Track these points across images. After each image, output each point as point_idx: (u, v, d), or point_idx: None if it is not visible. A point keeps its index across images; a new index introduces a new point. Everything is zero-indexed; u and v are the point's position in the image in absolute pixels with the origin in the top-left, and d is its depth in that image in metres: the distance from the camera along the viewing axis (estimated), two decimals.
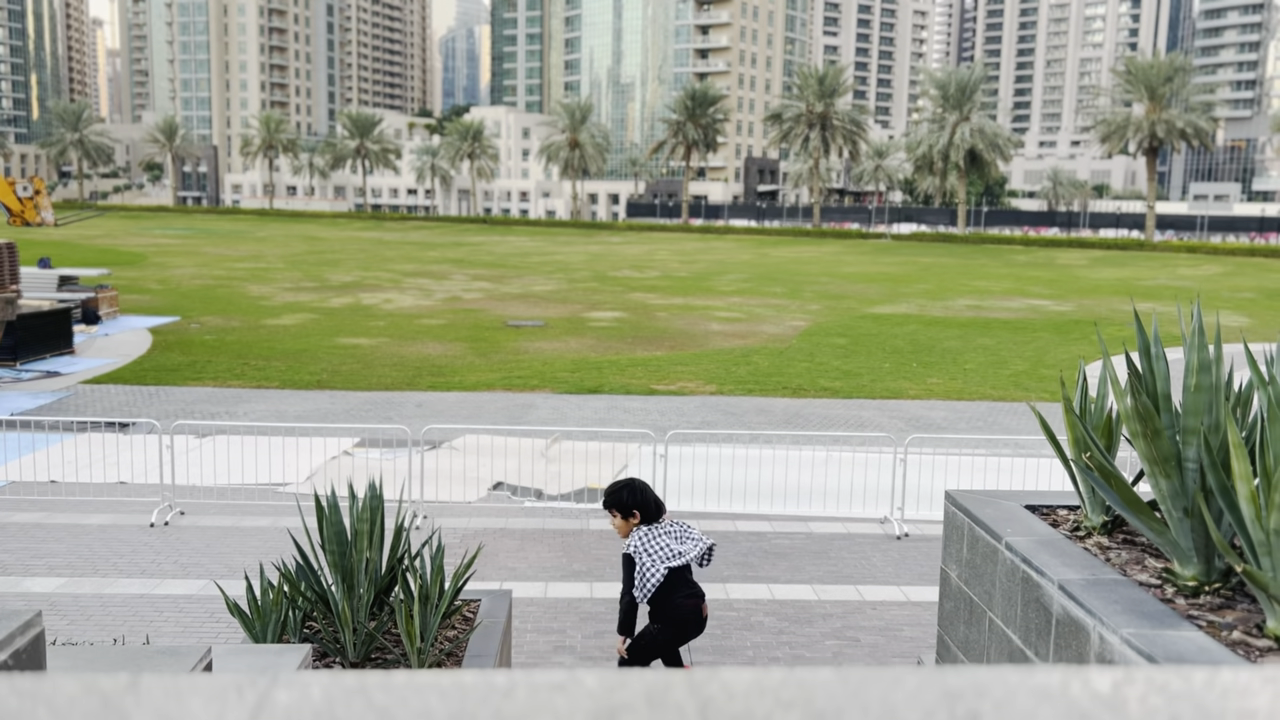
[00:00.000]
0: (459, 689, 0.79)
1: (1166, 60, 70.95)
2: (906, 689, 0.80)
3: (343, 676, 0.80)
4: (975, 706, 0.79)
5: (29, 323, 21.17)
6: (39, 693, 0.77)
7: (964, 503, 3.46)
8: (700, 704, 0.78)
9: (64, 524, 10.77)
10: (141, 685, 0.77)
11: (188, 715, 0.75)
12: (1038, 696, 0.80)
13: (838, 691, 0.80)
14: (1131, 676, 0.82)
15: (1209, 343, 2.71)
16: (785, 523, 11.18)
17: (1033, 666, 0.83)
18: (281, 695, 0.77)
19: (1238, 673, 0.85)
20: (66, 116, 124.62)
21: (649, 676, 0.80)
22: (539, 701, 0.77)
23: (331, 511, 5.59)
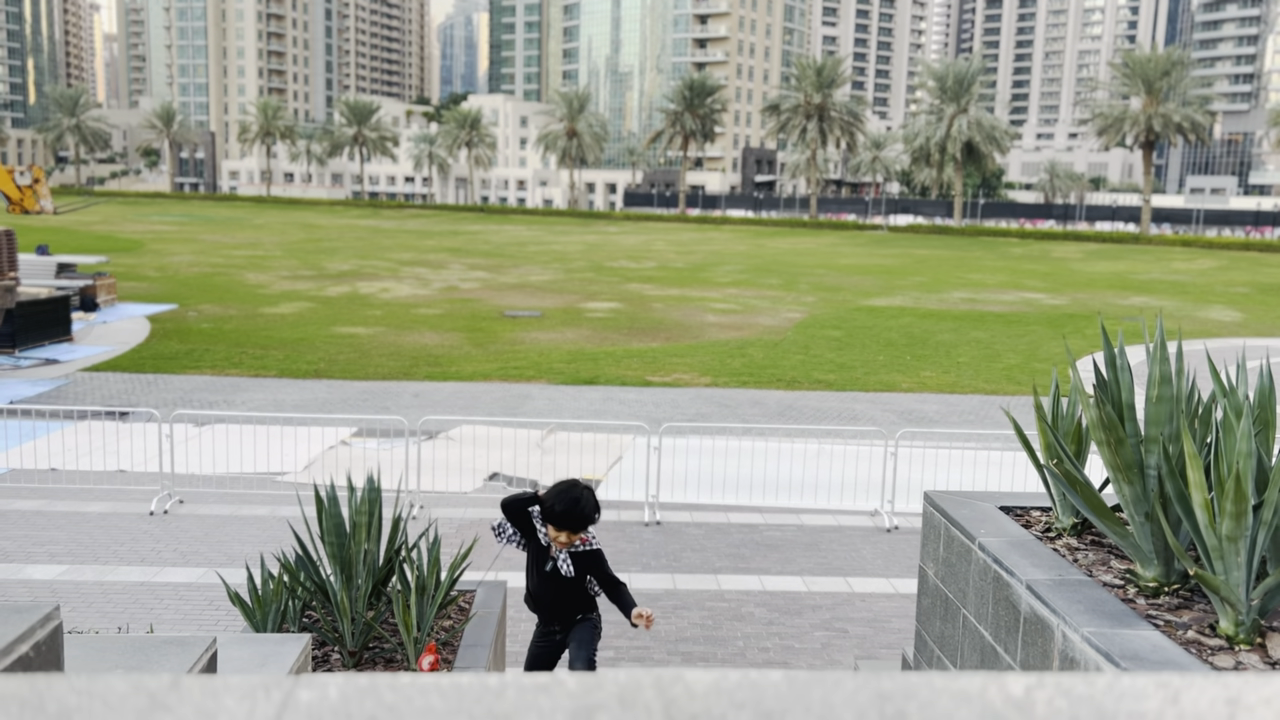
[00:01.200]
0: (456, 690, 0.91)
1: (1164, 54, 71.01)
2: (845, 691, 0.92)
3: (356, 678, 0.92)
4: (902, 707, 0.91)
5: (27, 310, 21.26)
6: (94, 690, 0.89)
7: (941, 503, 3.60)
8: (665, 704, 0.91)
9: (65, 512, 10.89)
10: (182, 684, 0.90)
11: (223, 710, 0.87)
12: (958, 699, 0.92)
13: (785, 693, 0.92)
14: (1043, 681, 0.94)
15: (1170, 343, 2.83)
16: (777, 515, 11.33)
17: (958, 673, 0.96)
18: (303, 694, 0.90)
19: (1135, 678, 0.98)
20: (63, 101, 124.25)
21: (622, 678, 0.92)
22: (525, 701, 0.90)
23: (330, 504, 5.72)
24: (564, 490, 5.36)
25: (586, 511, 5.32)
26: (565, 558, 5.44)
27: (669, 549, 10.03)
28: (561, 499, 5.33)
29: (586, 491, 5.38)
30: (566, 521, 5.29)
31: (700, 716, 0.89)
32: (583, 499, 5.33)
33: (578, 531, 5.34)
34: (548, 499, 5.33)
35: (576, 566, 5.46)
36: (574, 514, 5.31)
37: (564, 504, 5.29)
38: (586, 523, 5.35)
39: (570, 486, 5.37)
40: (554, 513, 5.30)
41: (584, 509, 5.31)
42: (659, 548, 10.03)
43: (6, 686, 0.89)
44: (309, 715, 0.87)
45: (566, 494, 5.33)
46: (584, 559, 5.46)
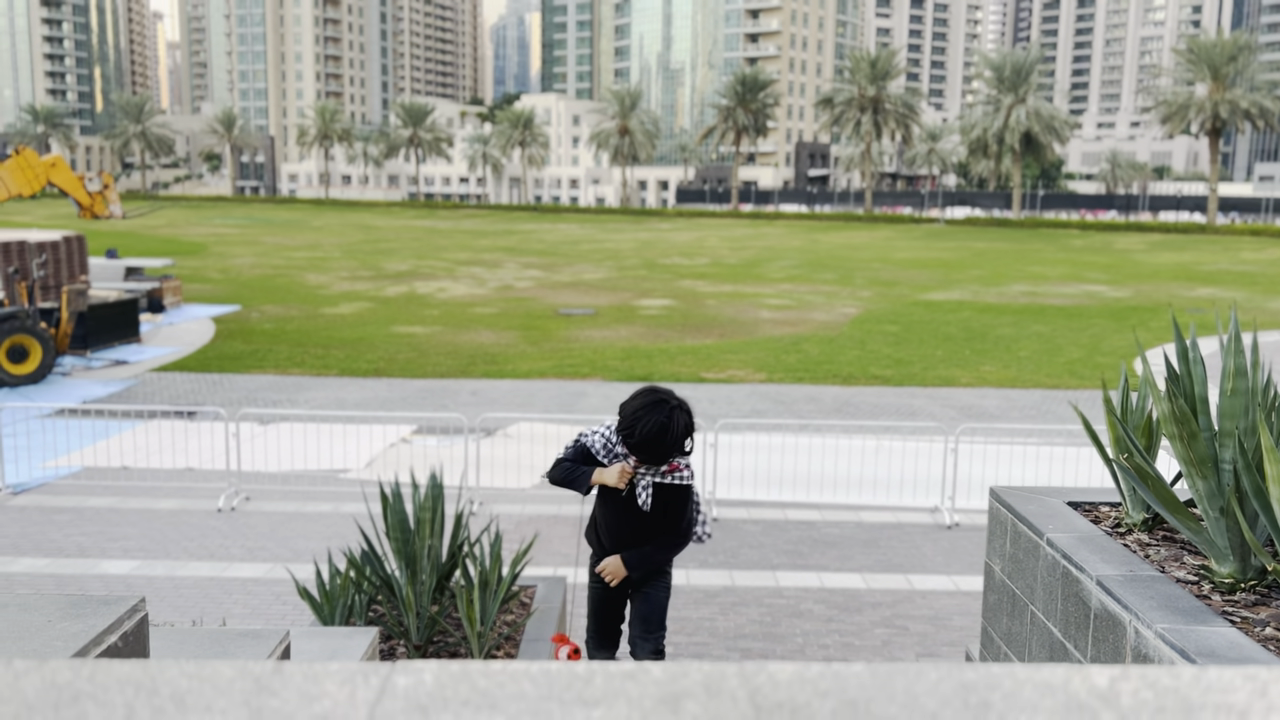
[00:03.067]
0: (546, 676, 0.94)
1: (1230, 39, 69.16)
2: (928, 681, 0.93)
3: (449, 664, 0.96)
4: (986, 697, 0.92)
5: (98, 313, 21.86)
6: (203, 674, 0.93)
7: (1007, 499, 3.56)
8: (750, 692, 0.92)
9: (136, 508, 11.19)
10: (285, 670, 0.94)
11: (325, 694, 0.91)
12: (1041, 690, 0.93)
13: (868, 682, 0.93)
14: (1127, 674, 0.94)
15: (1246, 336, 2.78)
16: (835, 511, 11.26)
17: (1039, 665, 0.96)
18: (400, 679, 0.93)
19: (1222, 671, 0.97)
20: (129, 109, 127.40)
21: (706, 668, 0.94)
22: (613, 688, 0.92)
23: (395, 500, 5.82)
24: (646, 407, 4.01)
25: (675, 439, 4.02)
26: (647, 484, 4.19)
27: (726, 545, 10.03)
28: (644, 421, 3.98)
29: (677, 411, 4.04)
30: (648, 453, 4.05)
31: (785, 705, 0.90)
32: (671, 423, 4.00)
33: (663, 463, 4.15)
34: (625, 418, 4.07)
35: (656, 500, 4.22)
36: (658, 444, 4.00)
37: (647, 429, 3.96)
38: (673, 453, 4.08)
39: (655, 403, 4.02)
40: (632, 440, 4.04)
41: (672, 438, 4.01)
42: (716, 544, 10.03)
43: (121, 670, 0.94)
44: (406, 699, 0.91)
45: (649, 414, 3.98)
46: (668, 493, 4.22)
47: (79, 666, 0.94)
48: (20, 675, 0.92)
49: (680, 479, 4.18)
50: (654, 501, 4.22)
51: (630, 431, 4.01)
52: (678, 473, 4.18)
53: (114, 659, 1.98)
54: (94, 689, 0.89)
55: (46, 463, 13.07)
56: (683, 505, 4.24)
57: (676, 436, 4.01)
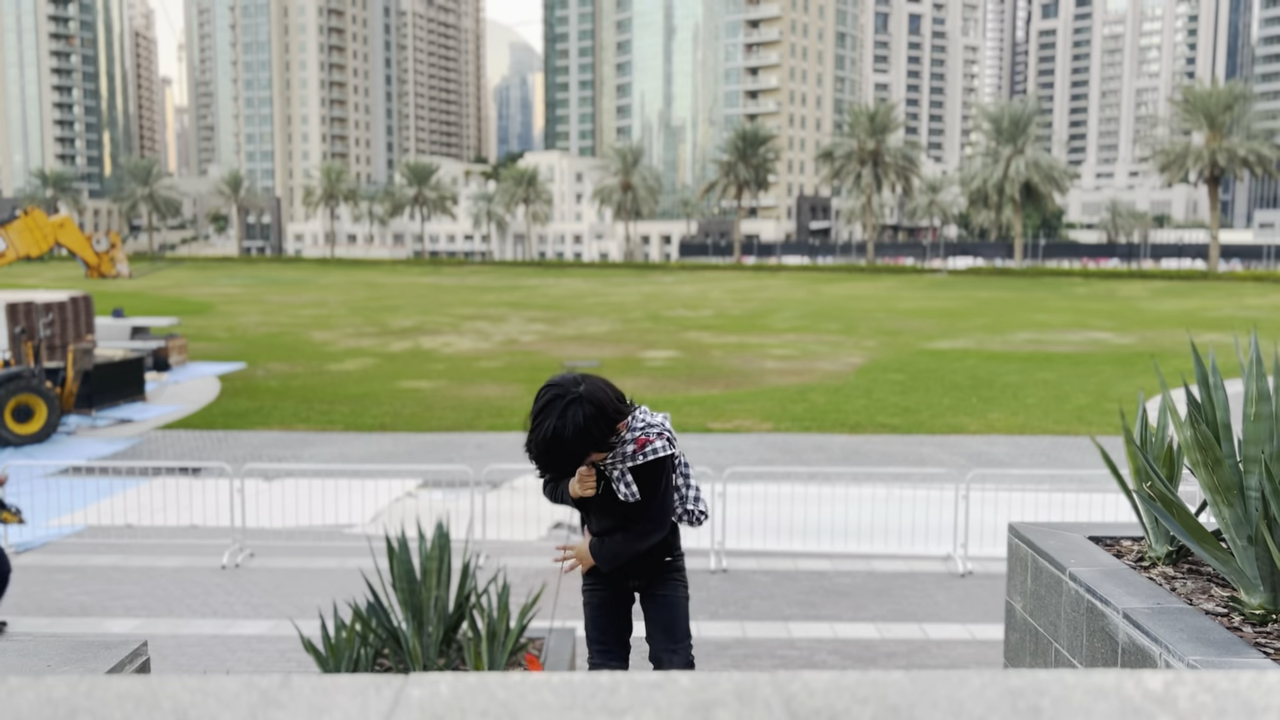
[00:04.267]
0: (569, 686, 0.89)
1: (1226, 88, 69.93)
2: (972, 687, 0.88)
3: (465, 676, 0.91)
4: (1036, 703, 0.87)
5: (103, 371, 21.87)
6: (207, 689, 0.88)
7: (1027, 534, 3.50)
8: (785, 699, 0.87)
9: (140, 566, 11.08)
10: (293, 682, 0.89)
11: (335, 707, 0.86)
12: (1093, 694, 0.88)
13: (909, 689, 0.88)
14: (1182, 678, 0.89)
15: (1268, 372, 2.74)
16: (847, 561, 11.12)
17: (1089, 670, 0.91)
18: (414, 691, 0.88)
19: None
20: (137, 172, 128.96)
21: (737, 677, 0.89)
22: (640, 697, 0.87)
23: (401, 550, 5.75)
24: (538, 414, 3.36)
25: (578, 438, 3.25)
26: (621, 474, 3.45)
27: (737, 596, 9.89)
28: (535, 434, 3.35)
29: (575, 404, 3.29)
30: (557, 467, 3.40)
31: (823, 711, 0.85)
32: (565, 422, 3.26)
33: (576, 466, 3.43)
34: (528, 449, 3.41)
35: (642, 484, 3.47)
36: (560, 454, 3.30)
37: (539, 443, 3.32)
38: (586, 452, 3.33)
39: (547, 405, 3.33)
40: (535, 463, 3.41)
41: (575, 439, 3.25)
42: (726, 595, 9.89)
43: (120, 685, 0.89)
44: (421, 711, 0.86)
45: (541, 422, 3.33)
46: (650, 471, 3.48)
47: (75, 683, 0.89)
48: (14, 692, 0.87)
49: (652, 453, 3.38)
50: (643, 486, 3.45)
51: (532, 455, 3.33)
52: (648, 447, 3.38)
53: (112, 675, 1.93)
54: (92, 704, 0.85)
55: (50, 522, 12.98)
56: (653, 483, 3.43)
57: (580, 435, 3.20)
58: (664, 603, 3.70)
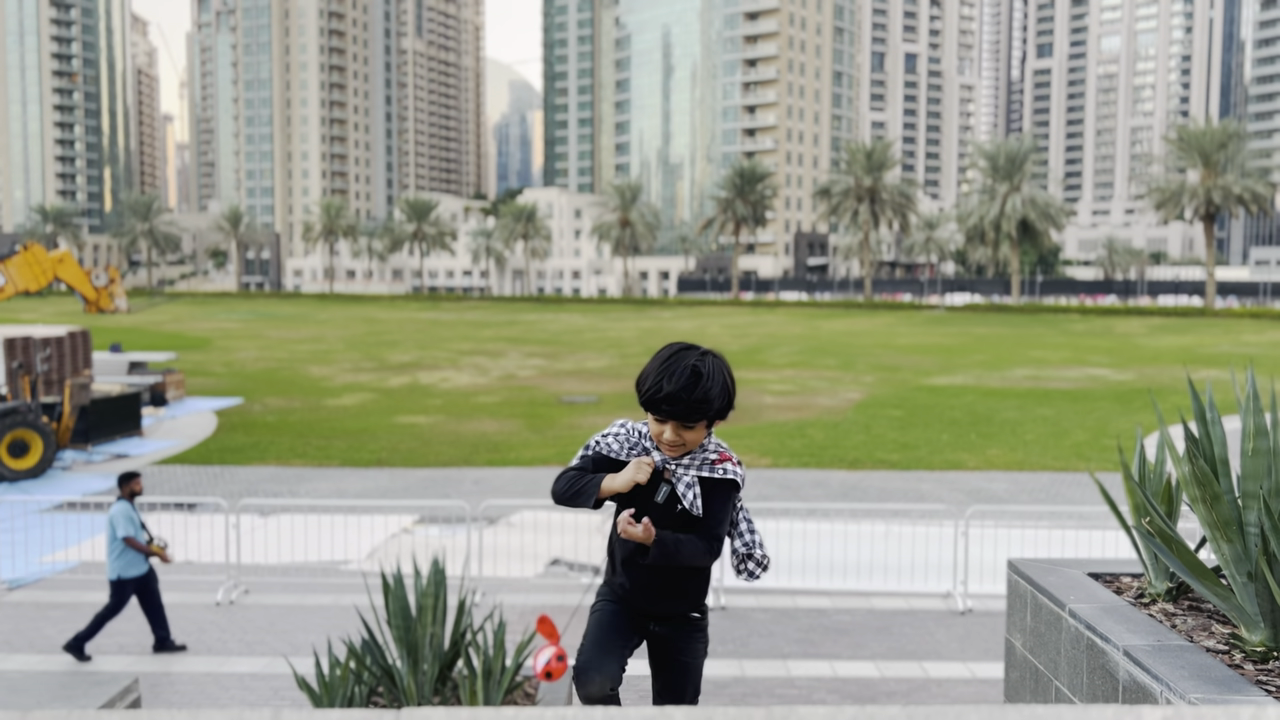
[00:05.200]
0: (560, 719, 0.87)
1: (1220, 126, 70.51)
2: None
3: (458, 711, 0.89)
4: None
5: (100, 407, 21.83)
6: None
7: (1027, 571, 3.48)
8: None
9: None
10: (283, 716, 0.87)
11: None
12: None
13: None
14: (1180, 714, 0.88)
15: (1265, 408, 2.74)
16: (846, 598, 11.05)
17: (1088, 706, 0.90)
18: None
19: None
20: (137, 208, 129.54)
21: (731, 711, 0.88)
22: None
23: (397, 586, 5.70)
24: (671, 355, 3.10)
25: (712, 384, 3.01)
26: (691, 481, 3.09)
27: (735, 634, 9.81)
28: (672, 365, 3.04)
29: (710, 355, 3.10)
30: (678, 405, 2.99)
31: None
32: (705, 365, 3.04)
33: (696, 421, 3.03)
34: (645, 375, 3.10)
35: (708, 499, 3.10)
36: (691, 390, 2.98)
37: (677, 371, 3.01)
38: (712, 406, 3.02)
39: (681, 350, 3.11)
40: (659, 393, 3.01)
41: (709, 382, 3.01)
42: (725, 633, 9.81)
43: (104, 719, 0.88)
44: None
45: (677, 359, 3.06)
46: (718, 490, 3.11)
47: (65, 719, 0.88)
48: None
49: (728, 472, 3.09)
50: (708, 501, 3.10)
51: (657, 384, 3.00)
52: (728, 464, 3.10)
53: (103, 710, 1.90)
54: None
55: (44, 557, 12.89)
56: (723, 503, 3.10)
57: (714, 381, 2.99)
58: (682, 669, 3.31)
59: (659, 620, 3.24)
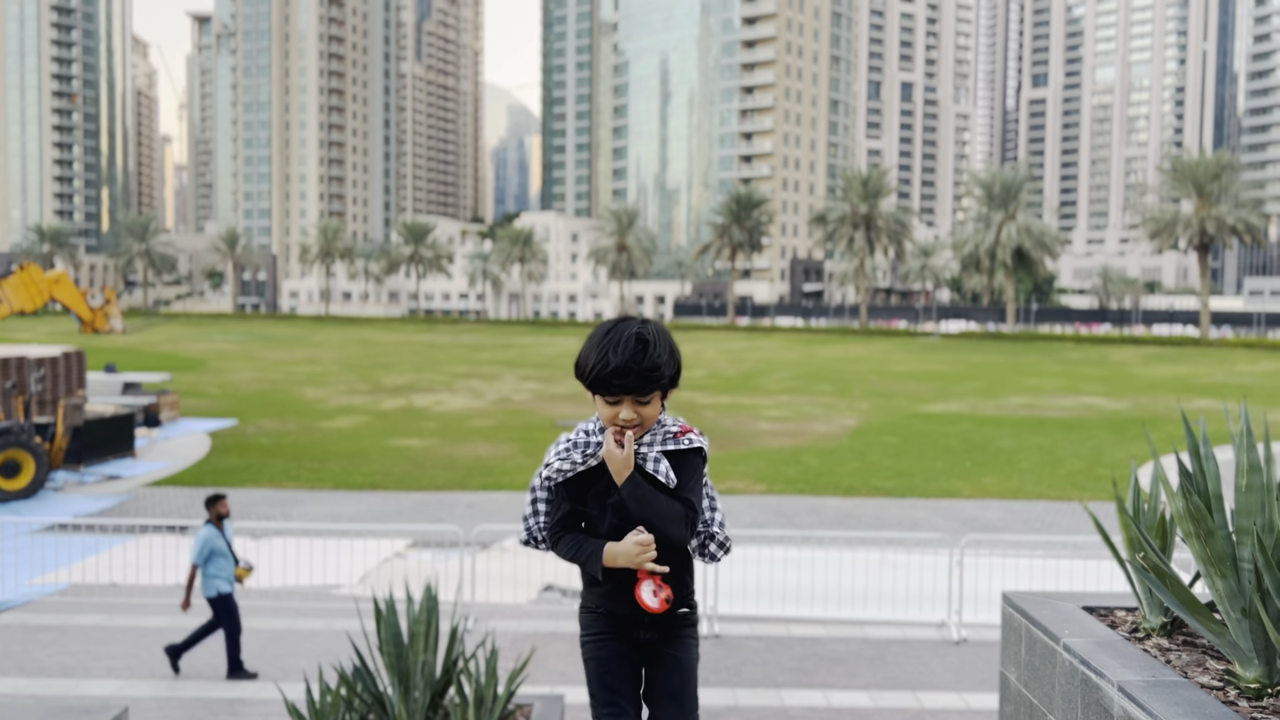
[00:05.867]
0: None
1: (1213, 157, 70.97)
2: None
3: None
4: None
5: (93, 427, 21.76)
6: None
7: (1021, 604, 3.47)
8: None
9: (123, 626, 10.91)
10: None
11: None
12: None
13: None
14: None
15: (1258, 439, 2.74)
16: (840, 627, 11.00)
17: None
18: None
19: None
20: (134, 228, 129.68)
21: None
22: None
23: (389, 613, 5.68)
24: (609, 333, 2.99)
25: (659, 350, 2.91)
26: (657, 456, 2.98)
27: (729, 663, 9.76)
28: (615, 336, 2.96)
29: (649, 324, 3.00)
30: (628, 376, 2.88)
31: None
32: (650, 335, 2.93)
33: (649, 392, 2.92)
34: (585, 354, 3.02)
35: (678, 470, 3.00)
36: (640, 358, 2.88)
37: (621, 352, 2.90)
38: (661, 374, 2.91)
39: (619, 321, 3.02)
40: (606, 368, 2.91)
41: (656, 349, 2.91)
42: (718, 661, 9.76)
43: None
44: None
45: (614, 336, 2.96)
46: (685, 460, 3.02)
47: None
48: None
49: (692, 442, 3.00)
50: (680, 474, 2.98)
51: (603, 359, 2.90)
52: (689, 435, 3.01)
53: None
54: None
55: (33, 579, 12.81)
56: (692, 472, 3.00)
57: (661, 347, 2.91)
58: (675, 665, 3.13)
59: (648, 626, 3.10)
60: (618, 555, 2.95)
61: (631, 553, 2.92)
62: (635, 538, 2.91)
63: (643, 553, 2.91)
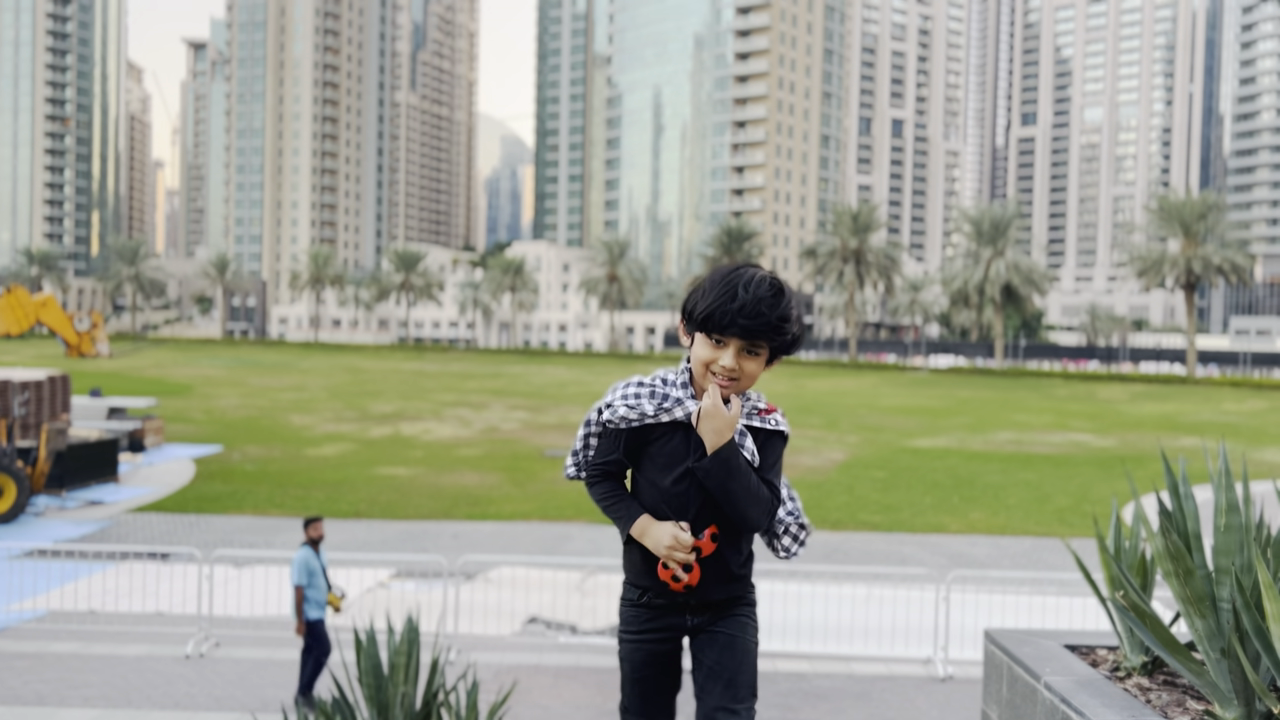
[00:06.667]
0: None
1: (1200, 198, 71.69)
2: None
3: None
4: None
5: (76, 452, 21.61)
6: None
7: (1003, 641, 3.45)
8: None
9: (101, 654, 10.78)
10: None
11: None
12: None
13: None
14: None
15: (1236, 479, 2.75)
16: (826, 662, 10.94)
17: None
18: None
19: None
20: (124, 252, 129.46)
21: None
22: None
23: (369, 645, 5.62)
24: (734, 272, 2.59)
25: (795, 309, 2.59)
26: (742, 430, 2.66)
27: None
28: (742, 282, 2.55)
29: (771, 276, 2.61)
30: (750, 319, 2.52)
31: None
32: (785, 286, 2.60)
33: (765, 346, 2.59)
34: (704, 293, 2.59)
35: (762, 452, 2.69)
36: (775, 309, 2.54)
37: (752, 290, 2.53)
38: (789, 330, 2.59)
39: (740, 268, 2.61)
40: (730, 307, 2.52)
41: (790, 304, 2.57)
42: None
43: None
44: None
45: (740, 275, 2.58)
46: (770, 442, 2.71)
47: None
48: None
49: (778, 423, 2.70)
50: (762, 453, 2.67)
51: (729, 292, 2.52)
52: (774, 414, 2.72)
53: None
54: None
55: (10, 606, 12.66)
56: (777, 457, 2.70)
57: (795, 302, 2.59)
58: (729, 644, 2.70)
59: (695, 609, 2.72)
60: (646, 536, 2.66)
61: (663, 543, 2.62)
62: (675, 530, 2.61)
63: (674, 550, 2.61)
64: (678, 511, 2.66)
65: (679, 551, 2.61)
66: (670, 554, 2.61)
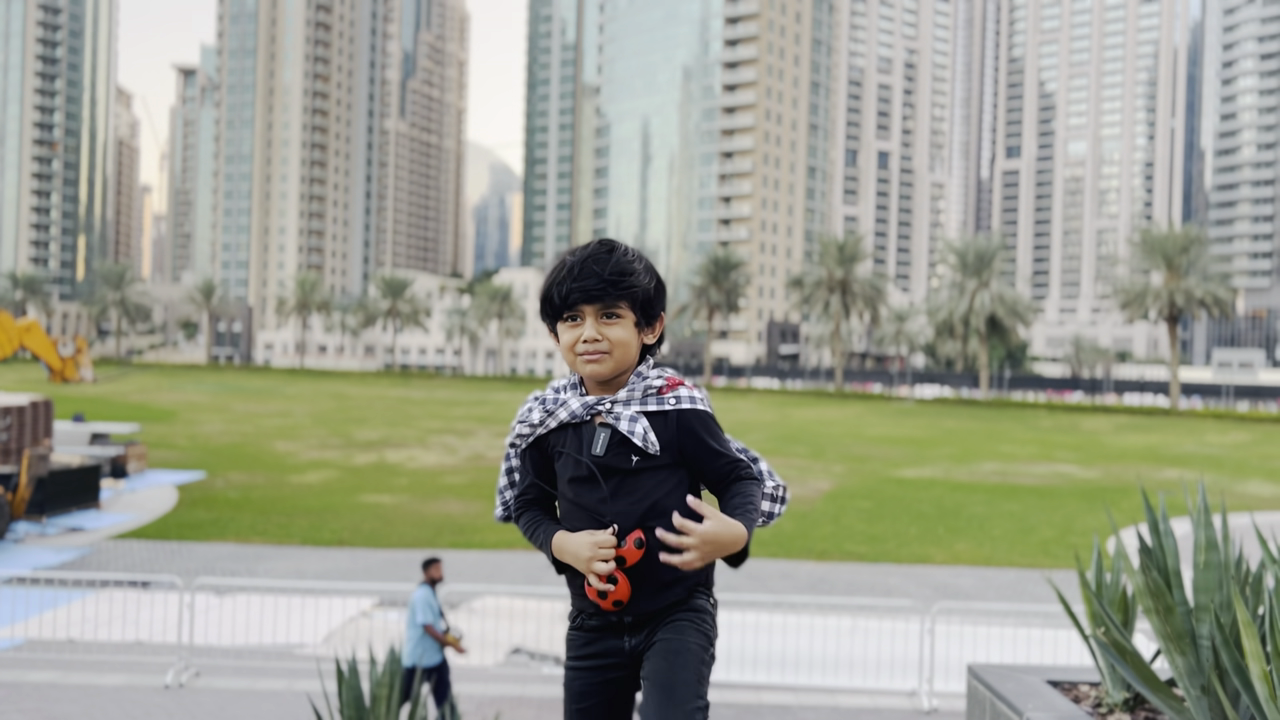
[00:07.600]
0: None
1: (1182, 231, 72.40)
2: None
3: None
4: None
5: (58, 478, 21.43)
6: None
7: (986, 677, 3.46)
8: None
9: (79, 684, 10.65)
10: None
11: None
12: None
13: None
14: None
15: (1215, 512, 2.77)
16: (811, 694, 10.89)
17: None
18: None
19: None
20: (110, 277, 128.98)
21: None
22: None
23: (351, 676, 5.58)
24: (560, 255, 2.51)
25: (632, 261, 2.41)
26: (635, 416, 2.38)
27: None
28: (569, 252, 2.48)
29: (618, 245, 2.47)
30: (593, 281, 2.37)
31: None
32: (618, 243, 2.46)
33: (617, 303, 2.39)
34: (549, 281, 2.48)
35: (664, 435, 2.38)
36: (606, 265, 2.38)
37: (582, 252, 2.44)
38: (635, 281, 2.39)
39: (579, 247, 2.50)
40: (572, 279, 2.41)
41: (626, 258, 2.40)
42: None
43: None
44: None
45: (562, 256, 2.49)
46: (680, 422, 2.40)
47: None
48: None
49: (681, 400, 2.40)
50: (664, 438, 2.36)
51: (556, 269, 2.42)
52: (678, 389, 2.42)
53: None
54: None
55: None
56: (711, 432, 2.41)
57: (632, 254, 2.41)
58: (665, 650, 2.36)
59: (631, 628, 2.45)
60: (565, 552, 2.40)
61: (583, 555, 2.35)
62: (592, 538, 2.33)
63: (594, 560, 2.32)
64: (591, 517, 2.40)
65: (599, 561, 2.32)
66: (591, 565, 2.33)
